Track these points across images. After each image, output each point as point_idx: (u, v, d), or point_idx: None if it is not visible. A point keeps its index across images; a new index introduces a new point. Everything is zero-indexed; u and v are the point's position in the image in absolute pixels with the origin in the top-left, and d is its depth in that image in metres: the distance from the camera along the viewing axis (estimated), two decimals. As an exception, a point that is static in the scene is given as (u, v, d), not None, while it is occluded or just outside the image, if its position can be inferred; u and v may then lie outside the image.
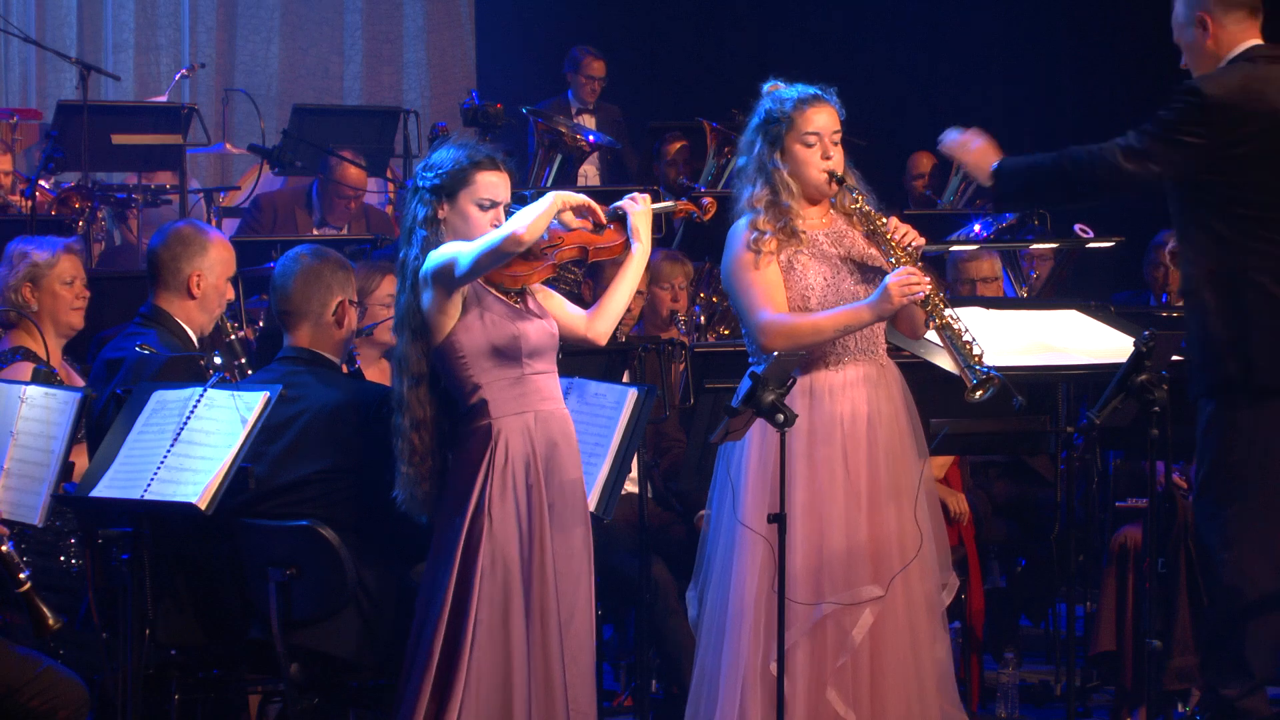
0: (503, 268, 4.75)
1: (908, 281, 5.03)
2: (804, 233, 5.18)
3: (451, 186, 4.81)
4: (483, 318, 4.79)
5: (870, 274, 5.20)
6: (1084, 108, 11.06)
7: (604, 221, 4.93)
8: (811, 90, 5.22)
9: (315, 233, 9.07)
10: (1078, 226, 7.99)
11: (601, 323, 5.01)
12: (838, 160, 5.18)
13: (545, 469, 4.81)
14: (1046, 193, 5.81)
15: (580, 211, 4.90)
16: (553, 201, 4.74)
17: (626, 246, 4.95)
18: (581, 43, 11.04)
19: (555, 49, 11.18)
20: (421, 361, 4.81)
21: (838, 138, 5.20)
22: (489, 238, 4.67)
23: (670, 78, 11.96)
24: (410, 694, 4.76)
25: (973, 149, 5.68)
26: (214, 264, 5.73)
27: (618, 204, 4.98)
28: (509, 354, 4.80)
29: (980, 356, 5.04)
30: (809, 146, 5.16)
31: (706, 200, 5.16)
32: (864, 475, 5.13)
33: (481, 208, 4.82)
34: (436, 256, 4.74)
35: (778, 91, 5.25)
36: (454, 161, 4.81)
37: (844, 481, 5.12)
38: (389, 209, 9.58)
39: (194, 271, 5.70)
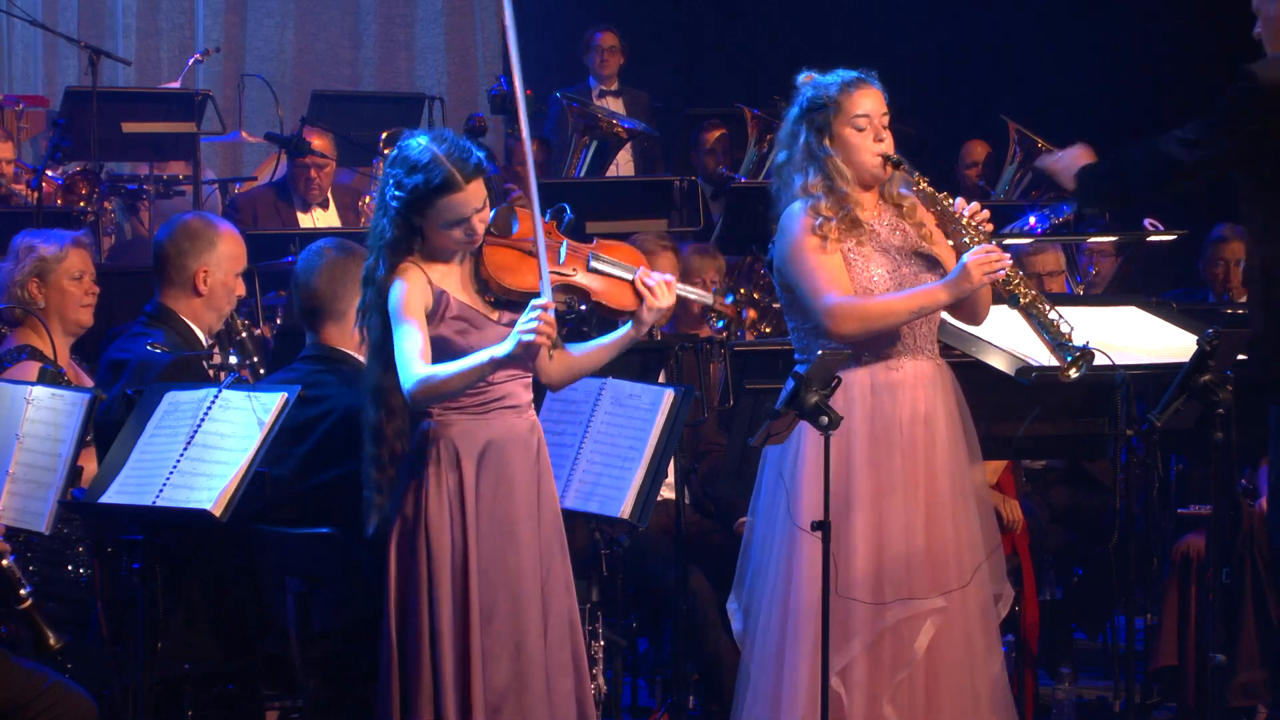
0: (504, 275, 4.61)
1: (988, 259, 4.91)
2: (864, 223, 5.05)
3: (421, 206, 4.56)
4: (441, 324, 4.59)
5: (929, 265, 5.07)
6: (1144, 92, 10.82)
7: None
8: (854, 73, 5.10)
9: (301, 216, 9.00)
10: (1148, 221, 7.82)
11: (559, 377, 4.77)
12: (890, 143, 5.05)
13: (490, 473, 4.61)
14: (1112, 197, 5.76)
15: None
16: (461, 380, 4.48)
17: (629, 318, 4.70)
18: (610, 28, 10.89)
19: (581, 35, 10.97)
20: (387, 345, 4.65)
21: (886, 120, 5.08)
22: (411, 369, 4.44)
23: (703, 64, 11.77)
24: (381, 692, 4.66)
25: (1064, 161, 5.61)
26: (222, 259, 5.60)
27: (650, 281, 4.69)
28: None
29: (1070, 334, 4.96)
30: (860, 130, 5.04)
31: (748, 313, 4.88)
32: (923, 478, 5.03)
33: (447, 226, 4.60)
34: (393, 299, 4.53)
35: (817, 79, 5.13)
36: (424, 178, 4.54)
37: (903, 484, 5.01)
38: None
39: (201, 267, 5.57)
